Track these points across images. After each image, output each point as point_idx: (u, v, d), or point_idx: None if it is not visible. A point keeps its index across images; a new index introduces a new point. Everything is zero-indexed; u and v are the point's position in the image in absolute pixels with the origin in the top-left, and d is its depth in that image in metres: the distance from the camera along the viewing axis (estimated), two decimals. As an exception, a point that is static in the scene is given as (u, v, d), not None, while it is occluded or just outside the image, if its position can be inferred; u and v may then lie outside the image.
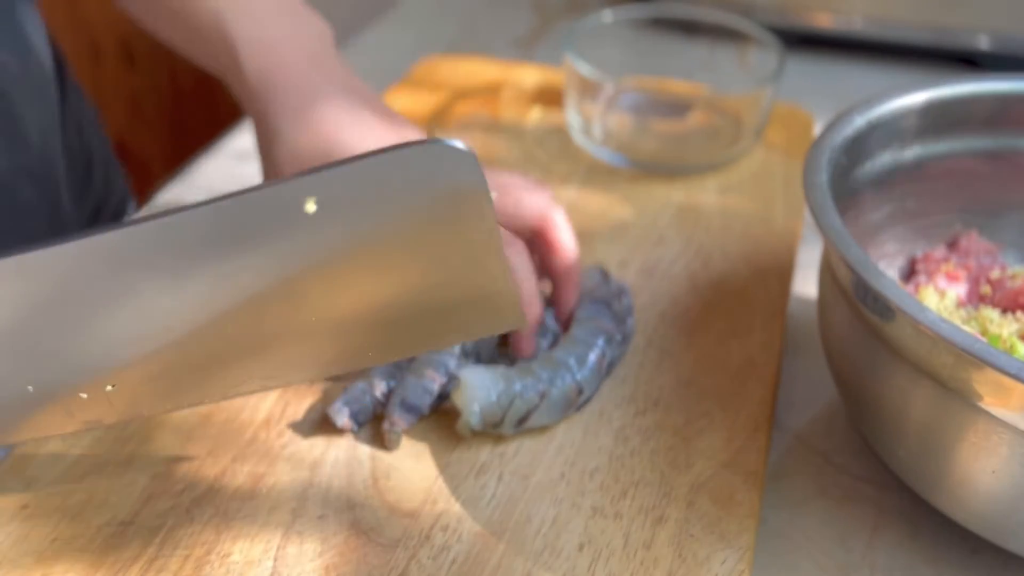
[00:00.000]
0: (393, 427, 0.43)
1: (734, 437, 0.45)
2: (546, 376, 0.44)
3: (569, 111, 0.70)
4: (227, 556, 0.39)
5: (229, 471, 0.42)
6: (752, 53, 0.72)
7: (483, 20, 0.93)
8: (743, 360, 0.49)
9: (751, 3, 0.88)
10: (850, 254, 0.38)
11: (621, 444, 0.44)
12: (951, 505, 0.39)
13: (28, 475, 0.42)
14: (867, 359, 0.40)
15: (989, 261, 0.51)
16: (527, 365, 0.45)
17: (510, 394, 0.43)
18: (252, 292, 0.34)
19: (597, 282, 0.50)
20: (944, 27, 0.85)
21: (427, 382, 0.44)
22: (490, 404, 0.42)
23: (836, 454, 0.47)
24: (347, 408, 0.43)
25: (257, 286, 0.34)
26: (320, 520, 0.40)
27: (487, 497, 0.41)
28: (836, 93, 0.77)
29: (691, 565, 0.39)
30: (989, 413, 0.35)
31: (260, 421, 0.45)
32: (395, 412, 0.43)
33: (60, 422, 0.38)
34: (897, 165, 0.50)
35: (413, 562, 0.38)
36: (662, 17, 0.76)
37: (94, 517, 0.40)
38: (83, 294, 0.34)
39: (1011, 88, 0.50)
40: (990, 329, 0.45)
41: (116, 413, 0.38)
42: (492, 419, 0.43)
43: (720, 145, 0.68)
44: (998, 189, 0.52)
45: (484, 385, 0.43)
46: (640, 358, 0.49)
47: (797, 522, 0.43)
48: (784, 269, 0.56)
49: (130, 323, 0.35)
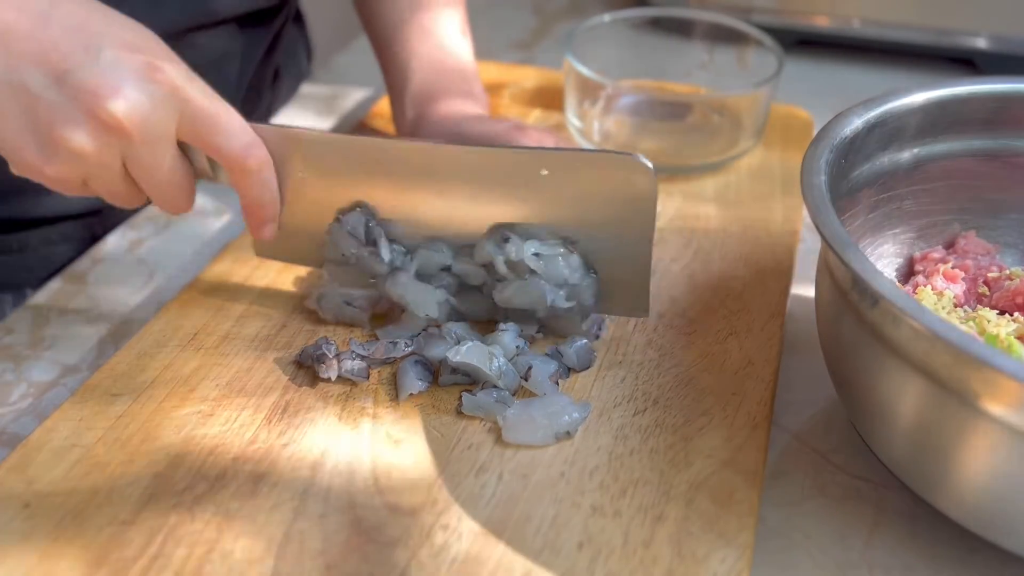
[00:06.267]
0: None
1: (733, 436, 0.45)
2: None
3: (569, 113, 0.70)
4: (228, 555, 0.39)
5: (230, 470, 0.42)
6: (751, 54, 0.73)
7: (483, 22, 0.93)
8: (742, 359, 0.49)
9: (750, 5, 0.89)
10: (848, 254, 0.38)
11: (620, 443, 0.44)
12: (949, 504, 0.40)
13: (30, 474, 0.42)
14: (865, 359, 0.40)
15: (987, 261, 0.51)
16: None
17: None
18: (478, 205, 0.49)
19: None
20: (942, 28, 0.86)
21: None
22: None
23: (835, 453, 0.47)
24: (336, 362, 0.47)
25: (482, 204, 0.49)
26: (321, 519, 0.40)
27: (487, 496, 0.42)
28: (834, 94, 0.77)
29: (690, 563, 0.39)
30: (987, 413, 0.35)
31: (261, 421, 0.45)
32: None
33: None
34: (895, 166, 0.50)
35: (413, 561, 0.39)
36: (661, 19, 0.76)
37: (96, 516, 0.40)
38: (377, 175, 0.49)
39: (1009, 89, 0.50)
40: (988, 329, 0.45)
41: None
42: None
43: (719, 146, 0.68)
44: (996, 190, 0.53)
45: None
46: (640, 358, 0.49)
47: (796, 521, 0.43)
48: (783, 269, 0.56)
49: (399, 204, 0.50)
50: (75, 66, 0.41)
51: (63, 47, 0.41)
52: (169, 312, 0.52)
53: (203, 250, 0.61)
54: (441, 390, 0.47)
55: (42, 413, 0.49)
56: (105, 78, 0.41)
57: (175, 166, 0.45)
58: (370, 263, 0.50)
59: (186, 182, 0.46)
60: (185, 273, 0.59)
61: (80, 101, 0.41)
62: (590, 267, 0.50)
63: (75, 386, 0.50)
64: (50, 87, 0.41)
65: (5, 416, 0.49)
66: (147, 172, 0.44)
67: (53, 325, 0.55)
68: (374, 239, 0.50)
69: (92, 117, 0.41)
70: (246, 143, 0.45)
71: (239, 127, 0.45)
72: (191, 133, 0.44)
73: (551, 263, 0.49)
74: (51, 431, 0.44)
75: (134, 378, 0.47)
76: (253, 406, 0.46)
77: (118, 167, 0.44)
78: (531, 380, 0.46)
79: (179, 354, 0.49)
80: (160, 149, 0.44)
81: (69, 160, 0.42)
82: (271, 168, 0.47)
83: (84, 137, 0.41)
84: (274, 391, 0.47)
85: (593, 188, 0.47)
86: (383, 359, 0.48)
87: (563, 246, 0.49)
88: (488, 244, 0.49)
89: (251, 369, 0.48)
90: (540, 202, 0.48)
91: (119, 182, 0.45)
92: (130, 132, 0.42)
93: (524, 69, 0.81)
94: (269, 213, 0.49)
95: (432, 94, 0.60)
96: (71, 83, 0.41)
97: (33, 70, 0.41)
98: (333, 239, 0.51)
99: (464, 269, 0.51)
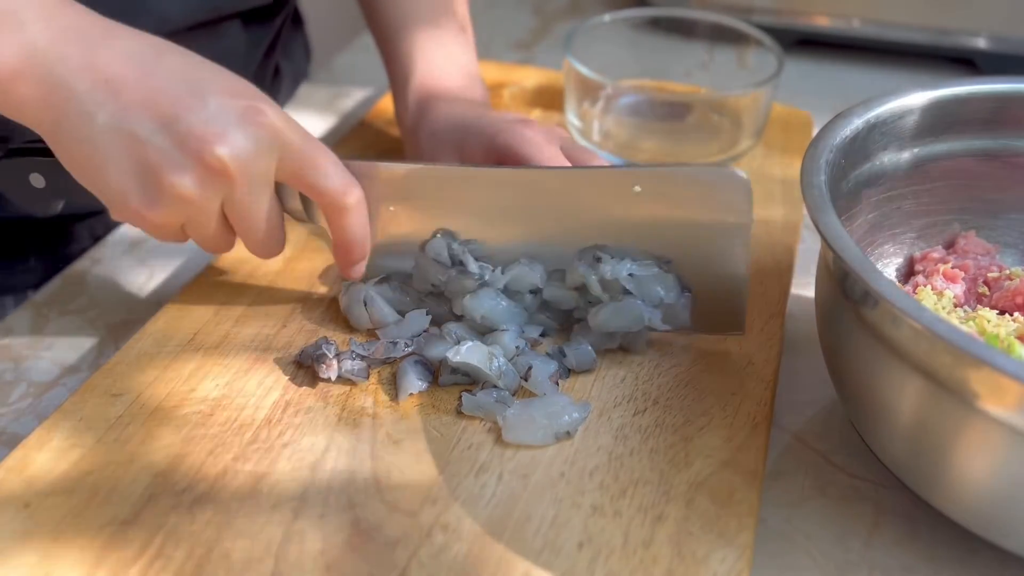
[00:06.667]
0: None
1: (733, 436, 0.45)
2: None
3: (569, 113, 0.70)
4: (228, 555, 0.39)
5: (230, 470, 0.42)
6: (751, 54, 0.73)
7: (483, 23, 0.93)
8: (742, 359, 0.49)
9: (750, 5, 0.89)
10: (848, 254, 0.38)
11: (620, 443, 0.44)
12: (949, 504, 0.40)
13: (30, 474, 0.42)
14: (865, 359, 0.40)
15: (987, 261, 0.51)
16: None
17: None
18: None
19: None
20: (942, 28, 0.86)
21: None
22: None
23: (835, 453, 0.47)
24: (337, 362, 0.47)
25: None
26: (321, 519, 0.40)
27: (487, 496, 0.42)
28: (835, 94, 0.77)
29: (690, 563, 0.39)
30: (986, 412, 0.35)
31: (261, 420, 0.45)
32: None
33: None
34: (895, 166, 0.50)
35: (414, 561, 0.39)
36: (661, 19, 0.76)
37: (96, 516, 0.40)
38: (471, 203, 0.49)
39: (1009, 89, 0.50)
40: (988, 329, 0.45)
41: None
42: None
43: (719, 146, 0.68)
44: (996, 190, 0.53)
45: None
46: (640, 358, 0.49)
47: (796, 521, 0.43)
48: (783, 269, 0.56)
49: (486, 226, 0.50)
50: (182, 112, 0.42)
51: (170, 94, 0.42)
52: (169, 312, 0.52)
53: (203, 250, 0.61)
54: (441, 390, 0.47)
55: (42, 413, 0.49)
56: (212, 124, 0.42)
57: (271, 209, 0.46)
58: (459, 283, 0.49)
59: (279, 225, 0.47)
60: (185, 273, 0.59)
61: (188, 147, 0.41)
62: (684, 286, 0.49)
63: (75, 386, 0.50)
64: (158, 132, 0.41)
65: (5, 416, 0.49)
66: (245, 216, 0.45)
67: (53, 325, 0.55)
68: (459, 259, 0.49)
69: (199, 162, 0.42)
70: (345, 182, 0.46)
71: (336, 166, 0.46)
72: (290, 173, 0.45)
73: (646, 283, 0.48)
74: (51, 431, 0.44)
75: (134, 378, 0.47)
76: (253, 406, 0.46)
77: (217, 211, 0.44)
78: (531, 380, 0.46)
79: (179, 354, 0.49)
80: (260, 192, 0.44)
81: (173, 205, 0.43)
82: (364, 207, 0.47)
83: (191, 182, 0.42)
84: (274, 391, 0.47)
85: (688, 204, 0.47)
86: (383, 359, 0.48)
87: (657, 265, 0.49)
88: (581, 265, 0.49)
89: (251, 369, 0.48)
90: (632, 221, 0.48)
91: (216, 226, 0.45)
92: (234, 176, 0.42)
93: (524, 69, 0.81)
94: (361, 252, 0.49)
95: (435, 88, 0.60)
96: (179, 129, 0.41)
97: (142, 117, 0.41)
98: (419, 270, 0.50)
99: (556, 294, 0.50)
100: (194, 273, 0.57)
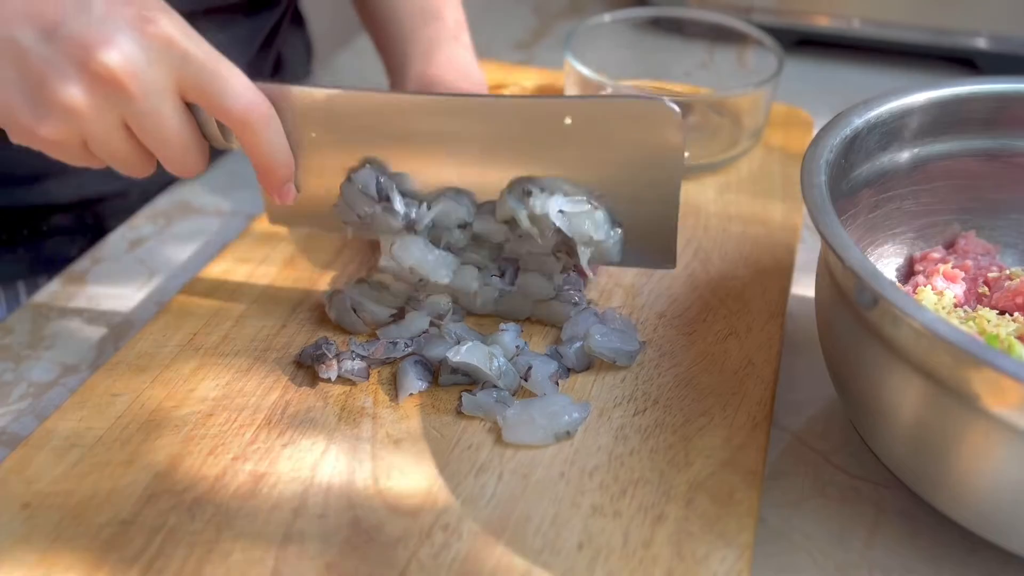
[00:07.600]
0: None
1: (733, 436, 0.45)
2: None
3: (569, 112, 0.70)
4: (228, 555, 0.39)
5: (230, 470, 0.42)
6: (751, 54, 0.73)
7: (483, 23, 0.93)
8: (742, 359, 0.49)
9: (750, 4, 0.89)
10: (848, 254, 0.38)
11: (620, 443, 0.44)
12: (949, 504, 0.40)
13: (29, 474, 0.42)
14: (865, 359, 0.40)
15: (987, 261, 0.51)
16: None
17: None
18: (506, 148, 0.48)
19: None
20: (942, 28, 0.86)
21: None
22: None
23: (834, 453, 0.47)
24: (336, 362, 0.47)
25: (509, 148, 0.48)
26: (321, 519, 0.40)
27: (487, 496, 0.42)
28: (835, 94, 0.77)
29: (690, 564, 0.39)
30: (987, 413, 0.35)
31: (261, 421, 0.45)
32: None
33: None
34: (895, 166, 0.50)
35: (413, 561, 0.39)
36: (661, 19, 0.76)
37: (95, 516, 0.40)
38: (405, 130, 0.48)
39: (1009, 89, 0.50)
40: (988, 329, 0.45)
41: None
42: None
43: (719, 146, 0.68)
44: (996, 190, 0.53)
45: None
46: (639, 357, 0.49)
47: (796, 521, 0.43)
48: (783, 269, 0.56)
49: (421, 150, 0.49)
50: (66, 19, 0.40)
51: (54, 2, 0.40)
52: (169, 312, 0.52)
53: (203, 250, 0.61)
54: (441, 390, 0.47)
55: (42, 413, 0.49)
56: (96, 29, 0.40)
57: (180, 123, 0.44)
58: (384, 220, 0.49)
59: (194, 140, 0.45)
60: (185, 273, 0.59)
61: (71, 54, 0.40)
62: (615, 220, 0.49)
63: (75, 386, 0.50)
64: (40, 41, 0.40)
65: (5, 416, 0.49)
66: (150, 130, 0.43)
67: (53, 325, 0.55)
68: (386, 194, 0.48)
69: (84, 69, 0.40)
70: (249, 99, 0.44)
71: (241, 83, 0.44)
72: (191, 88, 0.43)
73: (576, 220, 0.48)
74: (51, 431, 0.44)
75: (134, 378, 0.47)
76: (253, 406, 0.46)
77: (117, 125, 0.42)
78: (531, 380, 0.46)
79: (179, 354, 0.49)
80: (160, 104, 0.42)
81: (63, 118, 0.41)
82: (278, 125, 0.46)
83: (76, 91, 0.40)
84: (274, 391, 0.47)
85: (619, 136, 0.46)
86: (383, 359, 0.48)
87: (588, 200, 0.48)
88: (511, 199, 0.48)
89: (251, 369, 0.48)
90: (563, 153, 0.47)
91: (121, 143, 0.43)
92: (125, 84, 0.41)
93: (524, 69, 0.81)
94: (283, 174, 0.47)
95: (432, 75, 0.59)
96: (61, 36, 0.40)
97: (23, 25, 0.40)
98: (346, 199, 0.49)
99: (485, 228, 0.49)
100: (194, 273, 0.57)
